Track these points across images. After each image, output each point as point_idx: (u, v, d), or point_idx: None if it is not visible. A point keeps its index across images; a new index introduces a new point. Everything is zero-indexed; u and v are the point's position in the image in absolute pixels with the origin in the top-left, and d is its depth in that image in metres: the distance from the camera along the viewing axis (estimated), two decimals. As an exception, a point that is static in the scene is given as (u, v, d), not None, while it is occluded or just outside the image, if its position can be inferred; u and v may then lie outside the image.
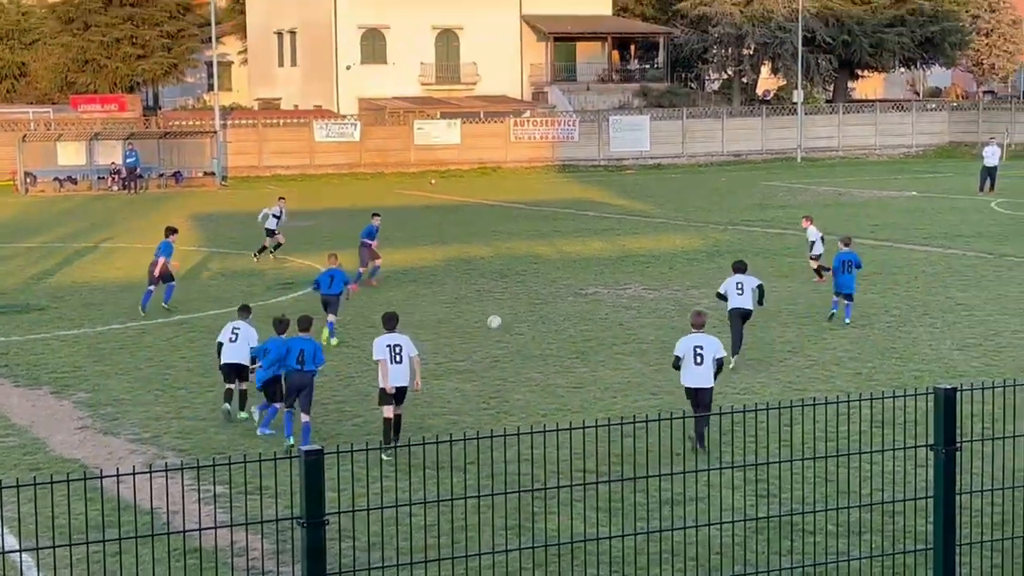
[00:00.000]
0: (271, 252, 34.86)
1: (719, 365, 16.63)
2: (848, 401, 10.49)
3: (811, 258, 29.98)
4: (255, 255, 35.03)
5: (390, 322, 16.83)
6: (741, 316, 21.17)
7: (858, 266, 24.64)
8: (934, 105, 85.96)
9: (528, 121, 71.61)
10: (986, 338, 23.18)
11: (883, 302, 27.02)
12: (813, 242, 29.88)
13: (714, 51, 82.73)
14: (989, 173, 51.77)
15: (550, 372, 21.15)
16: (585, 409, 18.68)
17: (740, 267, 21.73)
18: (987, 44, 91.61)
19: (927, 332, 23.82)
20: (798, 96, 75.27)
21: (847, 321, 24.52)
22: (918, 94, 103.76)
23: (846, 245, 24.96)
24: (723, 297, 21.54)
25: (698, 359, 16.56)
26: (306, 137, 66.85)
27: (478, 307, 27.27)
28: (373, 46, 77.53)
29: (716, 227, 41.26)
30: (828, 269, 26.87)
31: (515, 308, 27.12)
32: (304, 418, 16.78)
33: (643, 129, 72.33)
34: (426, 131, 68.70)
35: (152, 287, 27.00)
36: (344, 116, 71.02)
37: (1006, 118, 76.12)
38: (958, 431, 8.36)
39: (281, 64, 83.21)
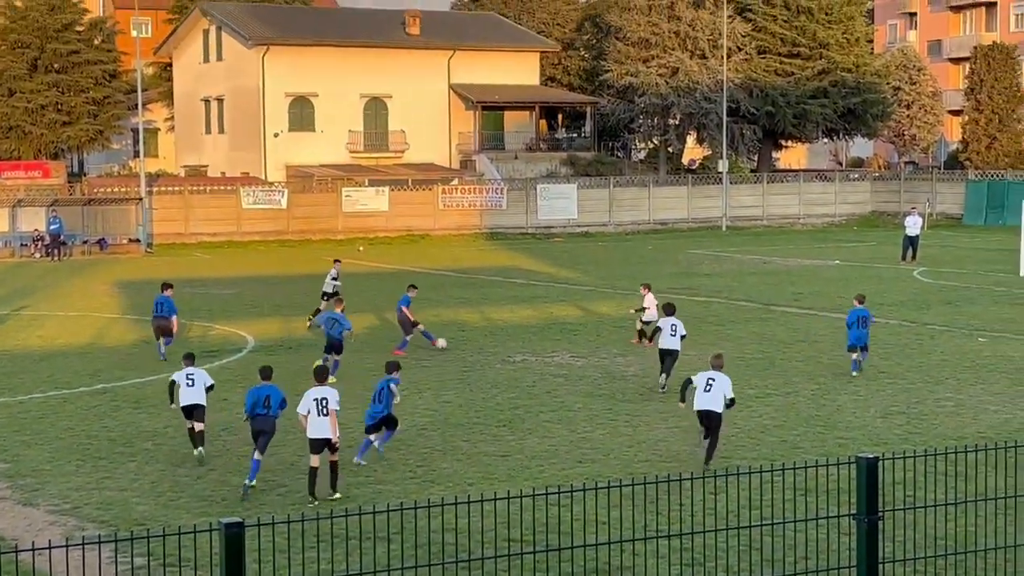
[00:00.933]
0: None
1: (731, 402, 19.29)
2: (772, 471, 10.52)
3: (643, 322, 30.83)
4: (309, 319, 33.68)
5: (320, 375, 18.41)
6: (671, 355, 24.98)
7: (871, 321, 27.23)
8: (857, 175, 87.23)
9: (456, 189, 71.84)
10: (909, 406, 23.40)
11: (808, 370, 27.22)
12: (646, 308, 30.58)
13: (640, 121, 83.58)
14: (911, 242, 52.50)
15: (477, 440, 21.07)
16: (512, 478, 18.59)
17: (670, 310, 25.78)
18: (908, 116, 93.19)
19: (851, 400, 24.00)
20: (723, 165, 76.16)
21: (855, 373, 26.41)
22: (841, 164, 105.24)
23: (860, 303, 27.19)
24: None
25: (708, 387, 19.23)
26: (233, 204, 66.57)
27: (404, 375, 27.00)
28: (301, 114, 77.57)
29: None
30: (650, 339, 29.44)
31: (442, 376, 27.03)
32: (257, 455, 18.22)
33: (571, 197, 72.78)
34: (354, 198, 68.69)
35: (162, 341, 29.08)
36: (272, 183, 70.90)
37: (927, 188, 77.40)
38: (881, 499, 8.39)
39: (208, 131, 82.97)
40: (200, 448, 19.79)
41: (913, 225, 53.09)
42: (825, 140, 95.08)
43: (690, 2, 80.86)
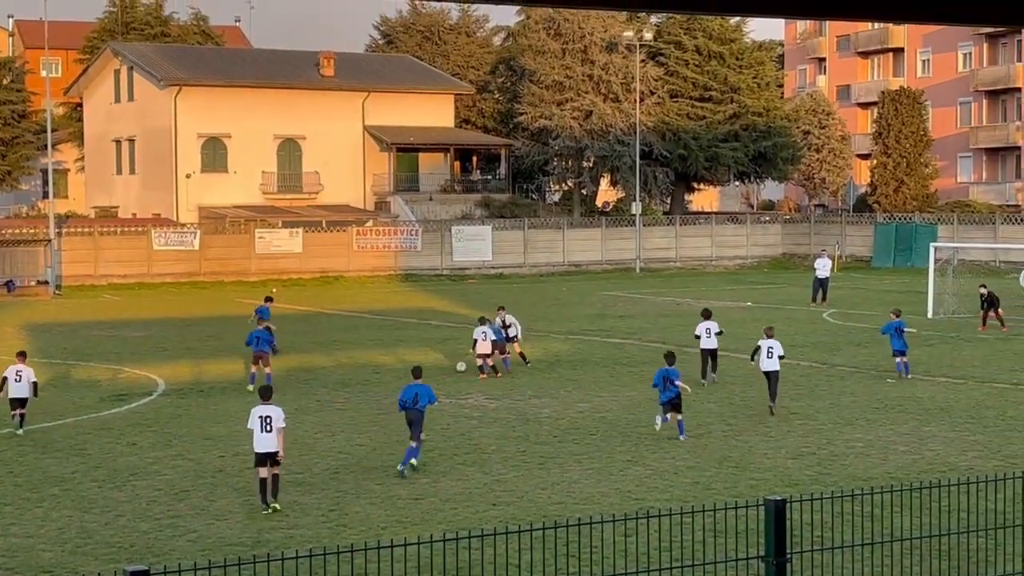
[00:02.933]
0: None
1: (781, 357, 27.29)
2: (682, 513, 10.55)
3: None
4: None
5: (265, 394, 20.24)
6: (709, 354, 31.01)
7: (904, 330, 32.05)
8: (768, 218, 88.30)
9: (371, 230, 71.72)
10: (820, 447, 23.62)
11: (720, 411, 27.42)
12: (485, 333, 32.86)
13: (555, 163, 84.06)
14: (821, 284, 53.13)
15: (390, 483, 20.96)
16: (425, 521, 18.51)
17: (707, 313, 31.87)
18: (818, 159, 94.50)
19: (763, 441, 24.19)
20: (636, 208, 76.74)
21: (908, 376, 31.39)
22: (752, 207, 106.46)
23: (897, 316, 32.28)
24: (698, 337, 31.12)
25: (769, 354, 27.15)
26: (144, 246, 65.90)
27: (318, 418, 26.98)
28: (214, 154, 77.12)
29: (556, 337, 41.56)
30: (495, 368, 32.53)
31: (356, 419, 26.89)
32: (413, 443, 21.75)
33: (485, 239, 72.93)
34: (268, 240, 68.32)
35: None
36: (183, 224, 70.31)
37: (836, 231, 78.52)
38: (790, 540, 8.45)
39: (119, 172, 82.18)
40: (20, 430, 25.11)
41: (823, 267, 53.75)
42: (737, 183, 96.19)
43: (603, 46, 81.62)
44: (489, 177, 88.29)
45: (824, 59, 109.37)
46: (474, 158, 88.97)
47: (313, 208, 76.73)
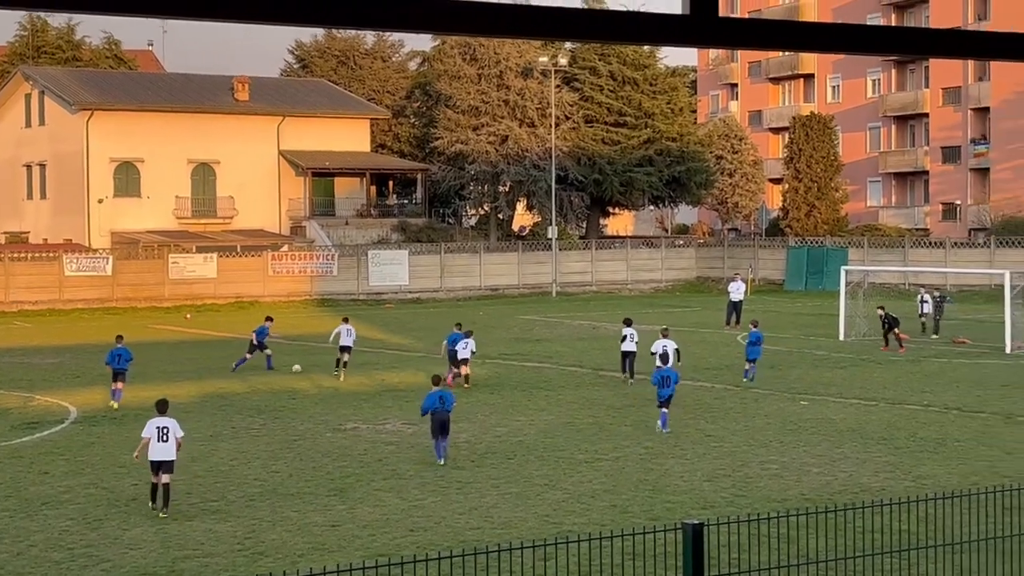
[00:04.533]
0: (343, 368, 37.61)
1: (678, 354, 31.47)
2: (600, 537, 10.60)
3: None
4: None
5: (162, 406, 21.25)
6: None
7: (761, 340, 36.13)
8: (682, 242, 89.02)
9: (286, 255, 71.35)
10: (735, 469, 23.80)
11: (636, 434, 27.55)
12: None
13: (471, 188, 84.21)
14: (735, 308, 53.63)
15: (307, 510, 20.82)
16: (343, 548, 18.41)
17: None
18: (731, 184, 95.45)
19: (679, 463, 24.34)
20: (552, 232, 77.05)
21: (751, 381, 35.21)
22: (667, 231, 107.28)
23: (755, 327, 36.83)
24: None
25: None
26: (55, 271, 65.06)
27: (233, 445, 26.76)
28: (127, 179, 76.36)
29: (474, 361, 41.46)
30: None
31: (271, 445, 26.70)
32: (442, 441, 24.48)
33: (402, 263, 72.84)
34: (181, 265, 67.72)
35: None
36: (96, 250, 69.50)
37: (749, 255, 79.36)
38: (707, 563, 8.52)
39: (30, 197, 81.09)
40: None
41: (736, 291, 54.27)
42: (651, 207, 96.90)
43: (519, 71, 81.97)
44: (405, 201, 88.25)
45: (736, 85, 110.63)
46: (390, 182, 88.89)
47: (228, 233, 76.20)
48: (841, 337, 46.29)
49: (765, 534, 14.07)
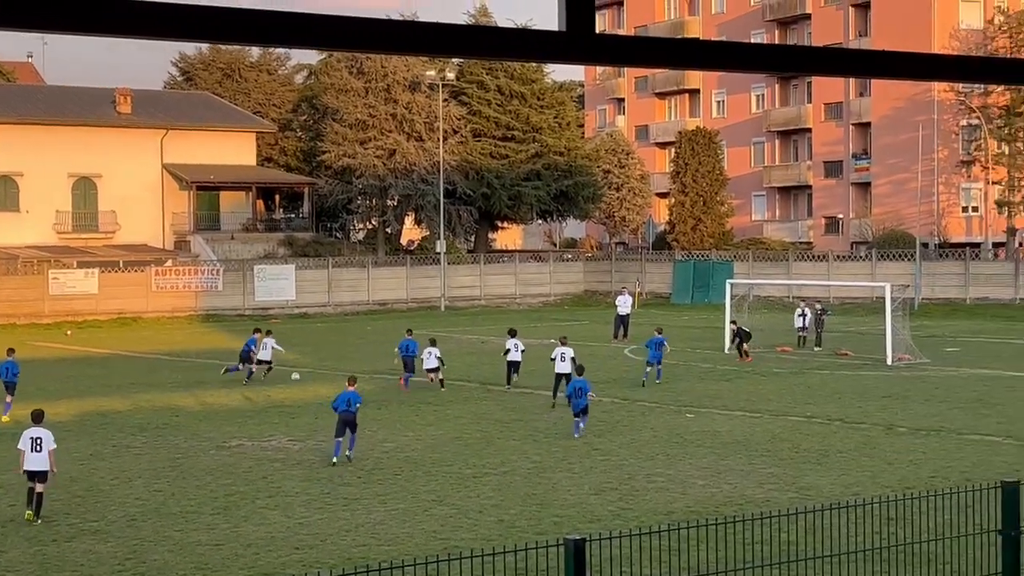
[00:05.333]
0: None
1: (573, 362, 32.59)
2: (483, 555, 10.54)
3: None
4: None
5: (36, 416, 21.90)
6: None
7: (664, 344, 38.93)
8: (570, 256, 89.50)
9: (170, 270, 70.44)
10: (622, 482, 23.89)
11: (524, 448, 27.56)
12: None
13: (359, 202, 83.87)
14: (622, 321, 53.96)
15: (190, 529, 20.50)
16: (226, 567, 18.15)
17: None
18: (618, 198, 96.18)
19: (566, 477, 24.37)
20: (441, 246, 76.99)
21: (658, 381, 37.86)
22: (555, 245, 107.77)
23: (659, 333, 38.85)
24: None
25: (563, 359, 33.28)
26: (-69, 287, 63.55)
27: (114, 464, 26.29)
28: (5, 193, 74.88)
29: (362, 377, 41.19)
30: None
31: (153, 463, 26.26)
32: (343, 438, 25.73)
33: (289, 278, 72.26)
34: (62, 281, 66.53)
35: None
36: (-26, 265, 68.02)
37: (637, 268, 79.97)
38: (591, 579, 8.50)
39: (-95, 211, 79.14)
40: None
41: (624, 304, 54.62)
42: (539, 221, 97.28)
43: (406, 85, 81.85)
44: (292, 216, 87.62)
45: (623, 100, 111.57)
46: (277, 196, 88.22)
47: (110, 248, 75.03)
48: (726, 350, 46.77)
49: (651, 547, 14.11)
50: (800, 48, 4.50)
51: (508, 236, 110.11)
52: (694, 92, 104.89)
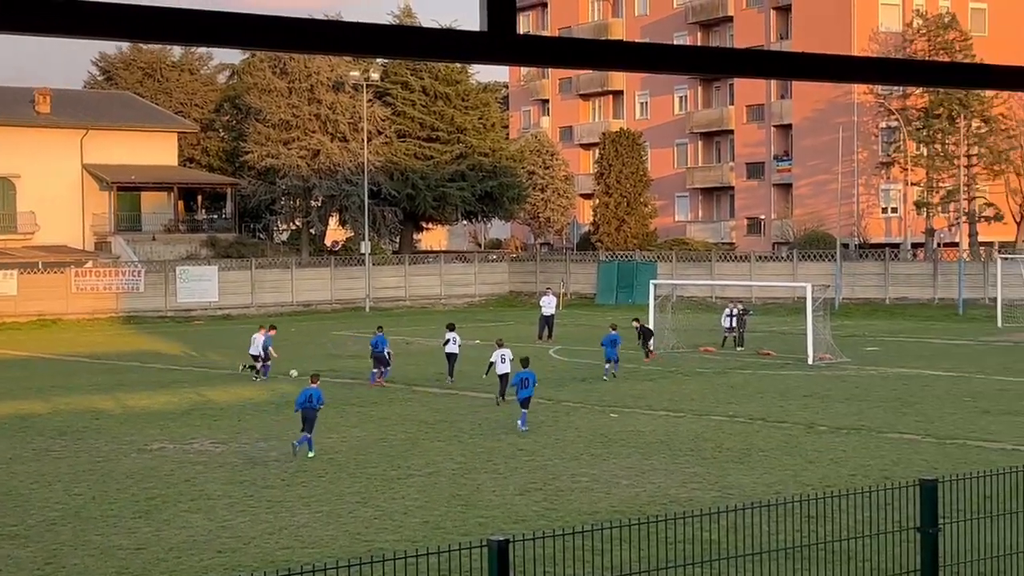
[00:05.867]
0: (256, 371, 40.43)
1: (512, 363, 32.42)
2: (406, 557, 10.51)
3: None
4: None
5: None
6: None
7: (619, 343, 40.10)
8: (495, 256, 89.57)
9: (91, 271, 69.63)
10: (546, 482, 23.92)
11: (449, 449, 27.53)
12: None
13: (282, 202, 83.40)
14: (547, 322, 54.06)
15: (111, 533, 20.26)
16: (148, 572, 17.96)
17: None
18: (543, 199, 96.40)
19: (491, 478, 24.37)
20: (365, 247, 76.74)
21: (615, 376, 39.05)
22: (480, 246, 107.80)
23: (613, 329, 40.06)
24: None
25: (503, 360, 33.61)
26: None
27: (34, 467, 25.93)
28: (-79, 193, 73.71)
29: (286, 379, 41.08)
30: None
31: (74, 467, 25.94)
32: (306, 434, 26.40)
33: (211, 280, 71.68)
34: (-20, 282, 65.56)
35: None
36: None
37: (561, 269, 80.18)
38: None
39: None
40: None
41: (548, 305, 54.73)
42: (464, 222, 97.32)
43: (330, 86, 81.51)
44: (215, 216, 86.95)
45: (547, 101, 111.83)
46: (199, 197, 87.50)
47: (29, 249, 74.03)
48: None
49: (576, 547, 14.16)
50: (722, 50, 4.53)
51: (433, 237, 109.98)
52: (618, 94, 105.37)
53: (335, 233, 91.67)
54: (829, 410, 32.77)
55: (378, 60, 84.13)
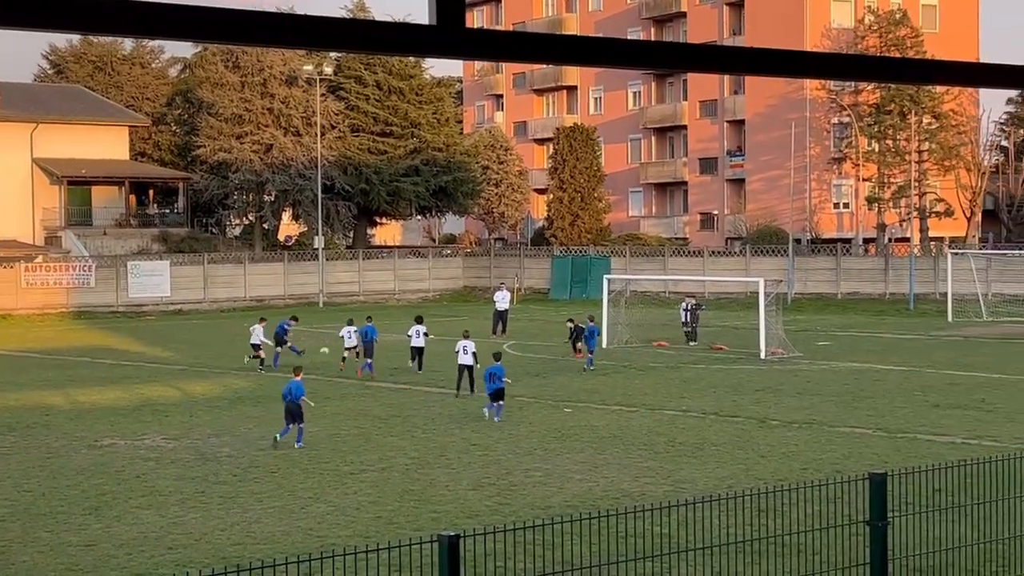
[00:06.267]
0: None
1: (475, 356, 33.79)
2: (358, 552, 10.48)
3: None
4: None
5: None
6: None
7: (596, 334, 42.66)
8: (449, 251, 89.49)
9: (41, 266, 69.05)
10: (500, 477, 23.93)
11: (402, 444, 27.49)
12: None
13: (235, 197, 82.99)
14: (501, 317, 54.08)
15: (60, 530, 20.10)
16: (98, 568, 17.83)
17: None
18: (497, 194, 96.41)
19: (444, 473, 24.35)
20: (319, 242, 76.51)
21: (592, 368, 39.83)
22: (434, 241, 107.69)
23: (592, 321, 41.80)
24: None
25: (465, 352, 34.08)
26: None
27: (-18, 464, 25.67)
28: None
29: (238, 374, 40.93)
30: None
31: (23, 463, 25.72)
32: (289, 427, 26.91)
33: (163, 274, 71.26)
34: (-72, 277, 64.88)
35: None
36: None
37: (515, 264, 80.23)
38: (465, 574, 8.50)
39: None
40: None
41: (502, 299, 54.75)
42: (419, 217, 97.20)
43: (283, 80, 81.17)
44: (167, 211, 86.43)
45: (502, 96, 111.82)
46: (151, 191, 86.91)
47: (-22, 243, 73.36)
48: (604, 344, 47.05)
49: (528, 542, 14.17)
50: (675, 45, 4.53)
51: (387, 232, 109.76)
52: (572, 89, 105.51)
53: (288, 228, 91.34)
54: (781, 404, 32.95)
55: (331, 54, 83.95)
